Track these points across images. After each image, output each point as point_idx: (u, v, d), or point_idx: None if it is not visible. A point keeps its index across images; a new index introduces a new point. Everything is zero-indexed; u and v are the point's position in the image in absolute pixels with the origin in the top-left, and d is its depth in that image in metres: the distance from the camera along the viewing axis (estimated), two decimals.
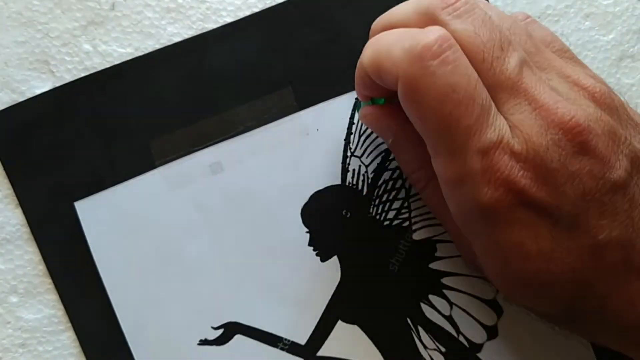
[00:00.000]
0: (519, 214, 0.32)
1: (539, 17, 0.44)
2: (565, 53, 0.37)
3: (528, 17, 0.39)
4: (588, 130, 0.32)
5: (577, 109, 0.33)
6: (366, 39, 0.42)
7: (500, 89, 0.33)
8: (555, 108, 0.33)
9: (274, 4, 0.44)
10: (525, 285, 0.34)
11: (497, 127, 0.32)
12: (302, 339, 0.42)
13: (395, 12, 0.37)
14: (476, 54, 0.33)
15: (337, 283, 0.43)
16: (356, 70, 0.39)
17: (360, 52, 0.39)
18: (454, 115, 0.32)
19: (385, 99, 0.40)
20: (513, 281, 0.35)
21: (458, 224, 0.36)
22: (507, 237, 0.33)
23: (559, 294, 0.34)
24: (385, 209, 0.43)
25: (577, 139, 0.32)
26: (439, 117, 0.33)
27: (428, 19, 0.35)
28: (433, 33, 0.33)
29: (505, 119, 0.33)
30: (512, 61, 0.33)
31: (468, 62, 0.33)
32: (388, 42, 0.35)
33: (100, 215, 0.42)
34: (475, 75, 0.33)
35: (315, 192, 0.43)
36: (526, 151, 0.32)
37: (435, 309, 0.43)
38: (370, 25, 0.41)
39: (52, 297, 0.42)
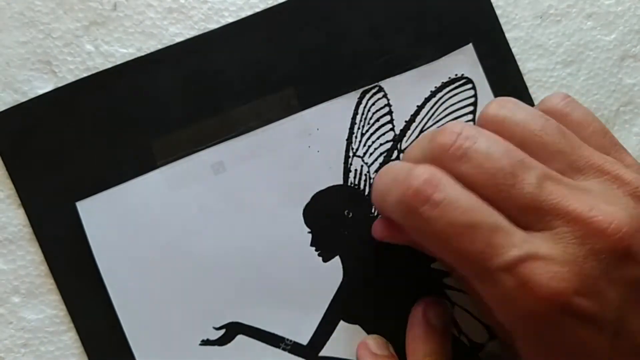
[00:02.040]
0: (563, 322, 0.32)
1: (540, 17, 0.44)
2: (605, 136, 0.37)
3: (566, 97, 0.38)
4: (629, 235, 0.31)
5: (615, 212, 0.32)
6: (368, 38, 0.43)
7: (526, 212, 0.33)
8: (590, 217, 0.32)
9: (275, 3, 0.44)
10: None
11: (519, 242, 0.32)
12: (304, 339, 0.43)
13: (407, 154, 0.37)
14: (490, 188, 0.33)
15: (339, 283, 0.43)
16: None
17: (361, 51, 0.39)
18: (462, 247, 0.32)
19: None
20: None
21: (504, 326, 0.35)
22: (553, 343, 0.33)
23: None
24: None
25: (619, 246, 0.31)
26: (449, 254, 0.33)
27: (437, 164, 0.35)
28: (417, 177, 0.33)
29: (539, 234, 0.32)
30: (529, 182, 0.33)
31: (460, 191, 0.33)
32: (384, 189, 0.36)
33: (102, 215, 0.42)
34: (472, 200, 0.33)
35: (317, 193, 0.43)
36: (562, 262, 0.31)
37: None
38: (371, 25, 0.42)
39: (54, 297, 0.42)
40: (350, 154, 0.43)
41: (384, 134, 0.43)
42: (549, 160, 0.34)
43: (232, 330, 0.42)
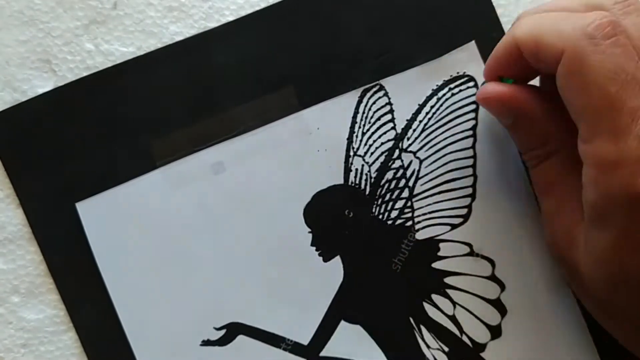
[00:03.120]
0: None
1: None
2: None
3: None
4: None
5: None
6: (368, 37, 0.42)
7: None
8: None
9: (275, 1, 0.43)
10: (628, 282, 0.34)
11: None
12: (305, 339, 0.42)
13: (559, 3, 0.37)
14: None
15: (339, 283, 0.43)
16: (499, 45, 0.38)
17: (362, 50, 0.39)
18: (620, 95, 0.32)
19: (515, 81, 0.39)
20: (619, 274, 0.34)
21: (589, 209, 0.35)
22: None
23: None
24: (388, 208, 0.43)
25: None
26: (604, 96, 0.32)
27: (597, 10, 0.34)
28: (604, 15, 0.33)
29: None
30: None
31: (633, 50, 0.33)
32: (554, 18, 0.35)
33: (102, 216, 0.42)
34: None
35: (318, 192, 0.43)
36: None
37: (438, 309, 0.43)
38: (371, 23, 0.41)
39: (54, 297, 0.42)
40: (351, 153, 0.43)
41: (385, 133, 0.43)
42: None
43: (232, 331, 0.42)
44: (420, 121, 0.43)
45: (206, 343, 0.42)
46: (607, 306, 0.37)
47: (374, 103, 0.43)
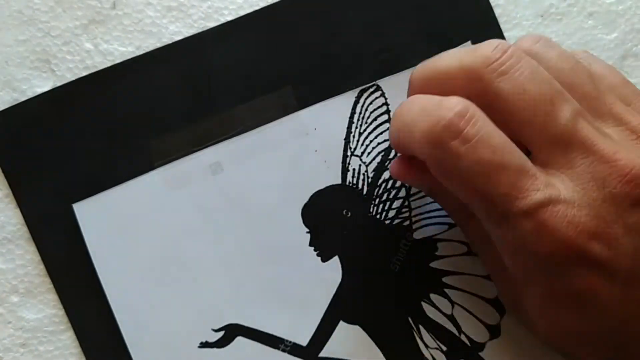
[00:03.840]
0: (577, 268, 0.32)
1: (541, 16, 0.44)
2: (626, 87, 0.37)
3: (585, 51, 0.38)
4: None
5: (635, 159, 0.32)
6: (366, 37, 0.42)
7: (555, 144, 0.33)
8: (615, 159, 0.32)
9: (274, 2, 0.43)
10: (574, 334, 0.34)
11: (542, 186, 0.32)
12: (303, 340, 0.42)
13: (439, 64, 0.36)
14: (526, 111, 0.33)
15: (338, 283, 0.43)
16: (389, 134, 0.39)
17: (361, 51, 0.39)
18: (486, 188, 0.32)
19: None
20: (561, 330, 0.35)
21: (511, 270, 0.35)
22: (563, 288, 0.33)
23: (606, 344, 0.34)
24: (386, 208, 0.43)
25: (635, 191, 0.32)
26: (472, 192, 0.33)
27: (473, 77, 0.34)
28: (449, 110, 0.32)
29: (560, 172, 0.33)
30: (564, 114, 0.33)
31: (493, 128, 0.33)
32: (410, 121, 0.34)
33: (99, 217, 0.42)
34: (503, 140, 0.32)
35: (316, 192, 0.43)
36: (580, 205, 0.32)
37: (436, 308, 0.43)
38: (370, 23, 0.41)
39: (53, 296, 0.42)
40: (349, 153, 0.43)
41: (381, 133, 0.43)
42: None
43: (231, 332, 0.42)
44: None
45: (204, 345, 0.42)
46: (570, 356, 0.37)
47: (370, 103, 0.43)
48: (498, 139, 0.32)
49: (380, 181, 0.43)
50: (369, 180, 0.43)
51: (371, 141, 0.43)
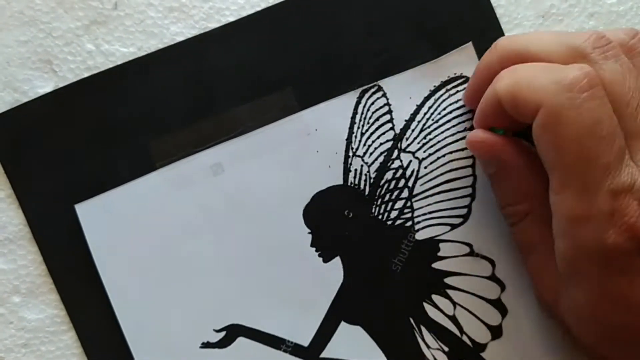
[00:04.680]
0: (636, 263, 0.32)
1: (542, 17, 0.44)
2: None
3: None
4: None
5: None
6: (367, 37, 0.42)
7: (638, 137, 0.33)
8: None
9: (275, 2, 0.43)
10: (617, 338, 0.34)
11: (631, 172, 0.32)
12: (305, 341, 0.42)
13: (537, 41, 0.37)
14: (621, 98, 0.33)
15: (339, 284, 0.43)
16: (484, 98, 0.38)
17: (360, 51, 0.39)
18: (594, 150, 0.32)
19: (504, 130, 0.39)
20: (605, 331, 0.35)
21: (563, 263, 0.35)
22: (619, 285, 0.33)
23: None
24: (388, 208, 0.43)
25: None
26: (578, 150, 0.33)
27: (577, 55, 0.34)
28: (582, 68, 0.33)
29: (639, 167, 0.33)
30: None
31: (609, 104, 0.33)
32: (531, 72, 0.35)
33: (101, 218, 0.42)
34: (616, 118, 0.33)
35: (317, 193, 0.43)
36: None
37: (438, 309, 0.43)
38: (370, 23, 0.41)
39: (55, 297, 0.42)
40: (350, 153, 0.43)
41: (383, 134, 0.43)
42: None
43: (232, 333, 0.42)
44: (419, 121, 0.43)
45: (206, 345, 0.42)
46: None
47: (372, 104, 0.43)
48: (614, 115, 0.33)
49: (382, 182, 0.43)
50: (371, 180, 0.43)
51: (373, 141, 0.43)
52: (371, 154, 0.43)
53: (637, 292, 0.32)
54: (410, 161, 0.43)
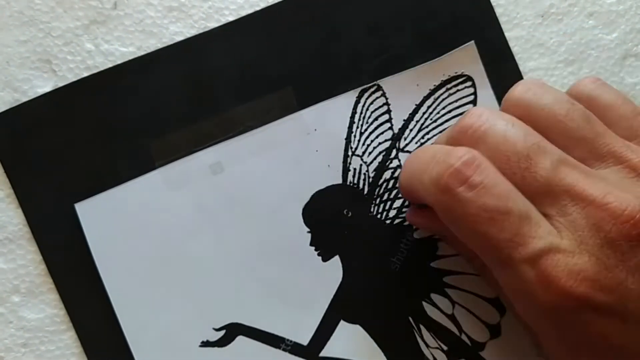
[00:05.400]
0: (584, 316, 0.32)
1: (542, 16, 0.44)
2: (635, 119, 0.37)
3: (597, 80, 0.38)
4: None
5: (629, 199, 0.32)
6: (367, 37, 0.42)
7: (541, 196, 0.33)
8: (605, 203, 0.32)
9: (275, 2, 0.43)
10: None
11: (544, 234, 0.32)
12: (304, 340, 0.42)
13: (439, 139, 0.38)
14: (505, 171, 0.33)
15: (339, 283, 0.43)
16: (398, 183, 0.40)
17: (361, 51, 0.39)
18: (491, 233, 0.32)
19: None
20: None
21: (524, 319, 0.35)
22: (576, 336, 0.33)
23: None
24: (387, 207, 0.43)
25: (633, 232, 0.31)
26: (477, 237, 0.33)
27: (456, 143, 0.35)
28: (457, 158, 0.33)
29: (554, 222, 0.33)
30: (543, 166, 0.33)
31: (497, 176, 0.33)
32: (419, 168, 0.36)
33: (101, 216, 0.42)
34: (507, 187, 0.33)
35: (317, 192, 0.43)
36: (579, 253, 0.32)
37: (437, 308, 0.43)
38: (370, 24, 0.42)
39: (55, 296, 0.42)
40: (349, 153, 0.43)
41: (382, 133, 0.43)
42: (571, 146, 0.35)
43: (232, 331, 0.42)
44: (417, 121, 0.43)
45: (205, 344, 0.42)
46: None
47: (371, 103, 0.43)
48: (503, 186, 0.33)
49: (381, 181, 0.43)
50: (370, 180, 0.43)
51: (372, 141, 0.43)
52: (370, 153, 0.43)
53: (596, 340, 0.32)
54: None
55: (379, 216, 0.43)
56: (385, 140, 0.43)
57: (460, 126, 0.35)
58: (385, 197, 0.43)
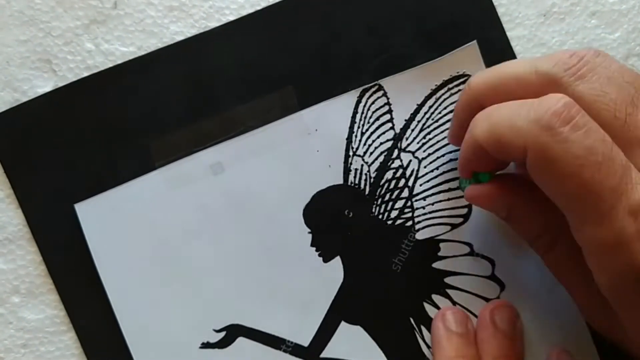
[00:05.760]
0: None
1: (544, 15, 0.44)
2: None
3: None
4: None
5: None
6: (368, 37, 0.42)
7: (635, 145, 0.32)
8: None
9: (275, 1, 0.43)
10: None
11: None
12: (305, 341, 0.42)
13: (507, 70, 0.36)
14: (607, 112, 0.32)
15: (340, 284, 0.43)
16: (464, 145, 0.37)
17: (362, 50, 0.39)
18: (596, 178, 0.31)
19: (490, 173, 0.39)
20: None
21: (605, 294, 0.34)
22: None
23: None
24: (388, 208, 0.43)
25: None
26: (580, 184, 0.31)
27: (549, 81, 0.34)
28: (558, 100, 0.32)
29: None
30: None
31: (597, 125, 0.32)
32: (507, 114, 0.34)
33: (101, 217, 0.42)
34: (608, 136, 0.32)
35: (318, 192, 0.43)
36: None
37: (438, 309, 0.42)
38: (371, 23, 0.41)
39: (54, 297, 0.42)
40: (350, 153, 0.43)
41: (384, 133, 0.43)
42: None
43: (232, 333, 0.42)
44: (419, 121, 0.43)
45: (206, 346, 0.42)
46: None
47: (372, 103, 0.43)
48: (605, 134, 0.32)
49: (383, 181, 0.43)
50: (371, 180, 0.43)
51: (373, 141, 0.43)
52: (371, 153, 0.43)
53: None
54: (410, 161, 0.43)
55: (380, 217, 0.43)
56: (387, 140, 0.43)
57: (560, 61, 0.34)
58: (387, 197, 0.43)
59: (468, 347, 0.39)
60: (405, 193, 0.43)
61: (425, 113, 0.43)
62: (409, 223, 0.43)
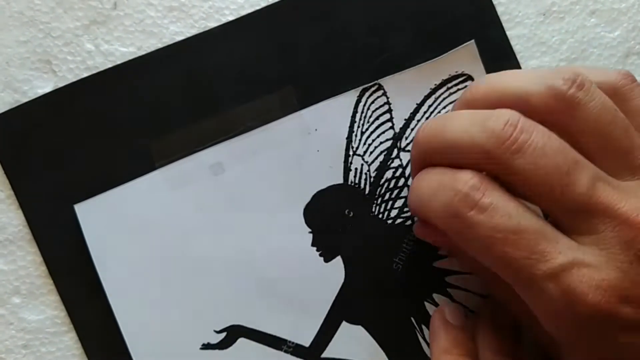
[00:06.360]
0: (613, 330, 0.32)
1: (544, 14, 0.44)
2: None
3: (629, 76, 0.36)
4: None
5: None
6: (367, 36, 0.42)
7: (576, 213, 0.33)
8: (637, 218, 0.31)
9: (275, 1, 0.43)
10: None
11: (564, 249, 0.32)
12: (306, 341, 0.42)
13: (449, 136, 0.35)
14: (543, 187, 0.33)
15: (340, 283, 0.42)
16: (408, 205, 0.39)
17: (362, 50, 0.39)
18: (507, 253, 0.32)
19: None
20: None
21: (552, 335, 0.34)
22: (605, 350, 0.33)
23: None
24: (388, 207, 0.43)
25: None
26: (493, 260, 0.33)
27: (486, 156, 0.34)
28: (465, 183, 0.33)
29: (583, 238, 0.32)
30: (582, 183, 0.32)
31: (507, 197, 0.33)
32: (428, 193, 0.35)
33: (100, 218, 0.42)
34: (518, 206, 0.33)
35: (318, 192, 0.43)
36: (607, 269, 0.31)
37: None
38: (371, 23, 0.41)
39: (55, 298, 0.42)
40: (350, 152, 0.43)
41: (383, 133, 0.43)
42: (605, 157, 0.34)
43: (233, 334, 0.42)
44: (418, 120, 0.43)
45: (206, 346, 0.42)
46: None
47: (372, 102, 0.43)
48: (513, 206, 0.33)
49: (383, 181, 0.43)
50: (371, 179, 0.43)
51: (373, 140, 0.43)
52: (371, 153, 0.43)
53: (620, 349, 0.32)
54: (410, 160, 0.43)
55: (380, 216, 0.43)
56: (387, 140, 0.43)
57: (494, 134, 0.33)
58: (387, 196, 0.43)
59: (465, 340, 0.40)
60: (405, 192, 0.43)
61: (425, 112, 0.43)
62: (409, 222, 0.43)
